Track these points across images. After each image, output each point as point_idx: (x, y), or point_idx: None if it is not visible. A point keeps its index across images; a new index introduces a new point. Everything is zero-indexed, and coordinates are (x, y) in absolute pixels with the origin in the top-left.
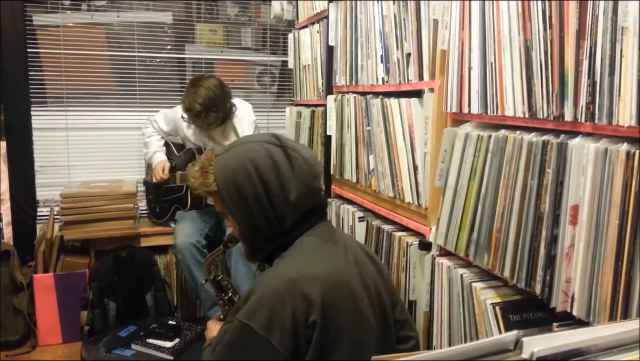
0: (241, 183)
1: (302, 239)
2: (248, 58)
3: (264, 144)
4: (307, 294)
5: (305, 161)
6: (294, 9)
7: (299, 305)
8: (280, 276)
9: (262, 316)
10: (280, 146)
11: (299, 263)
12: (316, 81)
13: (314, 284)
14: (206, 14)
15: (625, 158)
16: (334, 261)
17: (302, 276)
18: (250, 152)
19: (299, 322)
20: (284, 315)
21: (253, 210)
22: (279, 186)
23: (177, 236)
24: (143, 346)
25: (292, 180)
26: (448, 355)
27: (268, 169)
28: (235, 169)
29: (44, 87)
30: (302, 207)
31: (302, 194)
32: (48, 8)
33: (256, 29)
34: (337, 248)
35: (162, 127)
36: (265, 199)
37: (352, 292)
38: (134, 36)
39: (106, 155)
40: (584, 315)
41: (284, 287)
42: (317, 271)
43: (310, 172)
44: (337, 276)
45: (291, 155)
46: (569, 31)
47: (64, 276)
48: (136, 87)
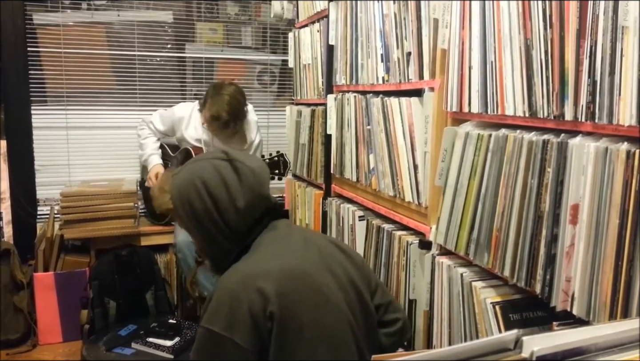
0: (192, 200)
1: (257, 240)
2: (248, 57)
3: (212, 161)
4: (261, 288)
5: (251, 171)
6: (294, 8)
7: (255, 300)
8: (233, 276)
9: (221, 317)
10: (227, 160)
11: (252, 261)
12: (316, 80)
13: (267, 278)
14: (206, 13)
15: (626, 157)
16: (289, 253)
17: (254, 272)
18: (199, 170)
19: (257, 316)
20: (242, 311)
21: (206, 224)
22: (228, 198)
23: (177, 235)
24: (143, 345)
25: (240, 190)
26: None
27: (216, 184)
28: (186, 187)
29: (44, 86)
30: (253, 213)
31: (250, 201)
32: (48, 7)
33: (256, 28)
34: (294, 240)
35: (158, 127)
36: (215, 213)
37: (311, 280)
38: (134, 35)
39: (106, 154)
40: (584, 314)
41: (238, 284)
42: (270, 265)
43: (256, 180)
44: (293, 267)
45: (238, 167)
46: (569, 30)
47: (64, 275)
48: (136, 86)
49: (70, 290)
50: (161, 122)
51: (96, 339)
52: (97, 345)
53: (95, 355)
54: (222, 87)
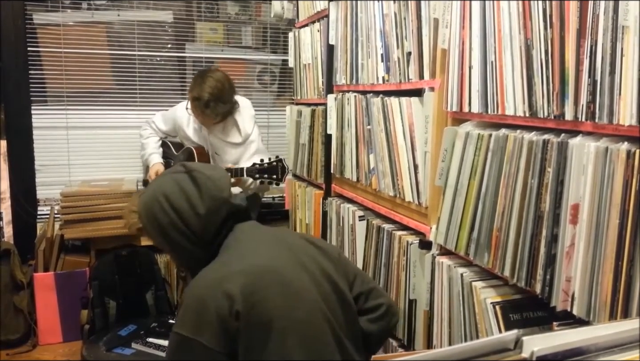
0: (157, 215)
1: (224, 244)
2: (248, 57)
3: (172, 175)
4: (226, 291)
5: (208, 178)
6: (295, 8)
7: (221, 302)
8: (200, 281)
9: (188, 321)
10: (186, 172)
11: (219, 264)
12: (316, 79)
13: (232, 279)
14: (206, 12)
15: (626, 157)
16: (255, 252)
17: (220, 275)
18: (160, 186)
19: (224, 317)
20: (209, 313)
21: (174, 236)
22: (190, 208)
23: None
24: (143, 345)
25: (199, 198)
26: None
27: (177, 197)
28: (151, 204)
29: (44, 86)
30: (215, 218)
31: (210, 207)
32: (48, 7)
33: (256, 28)
34: (261, 239)
35: (160, 127)
36: (180, 223)
37: (279, 275)
38: (134, 35)
39: (106, 154)
40: (584, 314)
41: (204, 289)
42: (234, 266)
43: (214, 186)
44: (259, 264)
45: (196, 177)
46: (569, 30)
47: (64, 275)
48: (136, 86)
49: (71, 290)
50: (163, 122)
51: (96, 339)
52: (97, 345)
53: (96, 355)
54: (208, 71)
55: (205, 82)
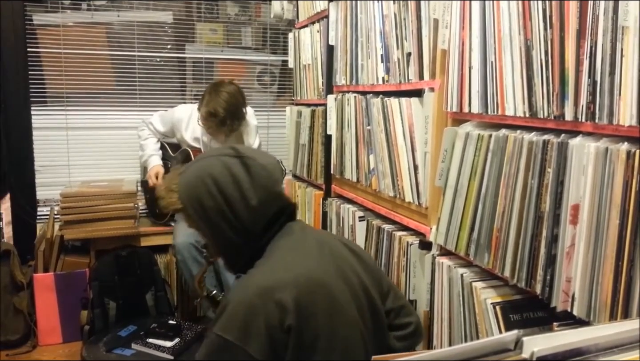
0: (202, 198)
1: (272, 244)
2: (248, 57)
3: (221, 158)
4: (279, 301)
5: (262, 168)
6: (294, 9)
7: (272, 313)
8: (250, 286)
9: (236, 327)
10: (237, 157)
11: (269, 269)
12: (316, 80)
13: (286, 289)
14: (206, 13)
15: (626, 158)
16: (306, 260)
17: (272, 283)
18: (208, 167)
19: (273, 329)
20: (258, 323)
21: (218, 222)
22: (239, 196)
23: (176, 236)
24: (143, 346)
25: (251, 188)
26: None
27: (226, 181)
28: (195, 185)
29: (44, 87)
30: (266, 212)
31: (263, 199)
32: (48, 7)
33: (256, 29)
34: (309, 246)
35: (158, 128)
36: (227, 210)
37: (327, 290)
38: (134, 36)
39: (106, 154)
40: (584, 314)
41: (255, 296)
42: (287, 275)
43: (268, 177)
44: (310, 276)
45: (248, 164)
46: (569, 31)
47: (64, 276)
48: (136, 87)
49: (70, 291)
50: (161, 123)
51: (96, 340)
52: (97, 346)
53: (95, 356)
54: (221, 85)
55: (219, 96)
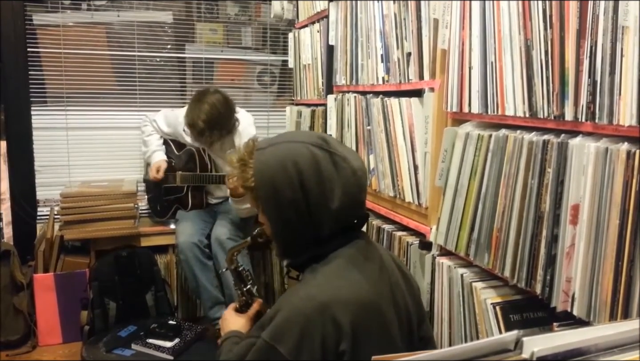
0: (280, 186)
1: (337, 253)
2: (248, 57)
3: (310, 147)
4: (337, 321)
5: (353, 172)
6: (294, 9)
7: (329, 332)
8: (312, 299)
9: (290, 340)
10: (328, 152)
11: (331, 284)
12: (316, 80)
13: (345, 310)
14: (206, 13)
15: (626, 158)
16: (367, 282)
17: (334, 301)
18: (294, 153)
19: (328, 350)
20: (314, 341)
21: (289, 215)
22: (321, 194)
23: (178, 236)
24: (143, 346)
25: (336, 190)
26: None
27: (311, 175)
28: (276, 169)
29: (44, 87)
30: (343, 219)
31: (344, 205)
32: (48, 7)
33: (256, 29)
34: (373, 267)
35: (162, 128)
36: (304, 206)
37: (383, 318)
38: (134, 35)
39: (106, 154)
40: (585, 314)
41: (315, 312)
42: (349, 295)
43: (356, 184)
44: (369, 301)
45: (338, 163)
46: (569, 31)
47: (64, 276)
48: (136, 87)
49: (70, 291)
50: (165, 123)
51: (96, 340)
52: (97, 346)
53: (95, 356)
54: (204, 95)
55: (200, 108)
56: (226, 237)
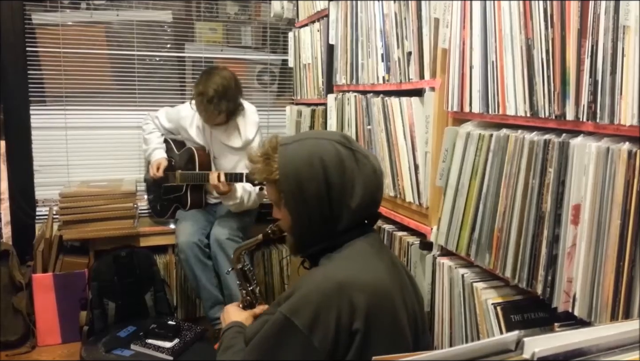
0: (306, 180)
1: (352, 243)
2: (248, 57)
3: (335, 144)
4: (354, 301)
5: (373, 171)
6: (294, 8)
7: (345, 310)
8: (329, 278)
9: (306, 314)
10: (351, 150)
11: (349, 267)
12: (316, 79)
13: (362, 290)
14: (206, 12)
15: (627, 157)
16: (381, 272)
17: (352, 282)
18: (320, 149)
19: (342, 327)
20: (329, 317)
21: (311, 209)
22: (342, 190)
23: (178, 235)
24: (142, 347)
25: (357, 187)
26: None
27: (335, 171)
28: (302, 163)
29: (43, 86)
30: (360, 215)
31: (363, 202)
32: (47, 7)
33: (256, 28)
34: (385, 260)
35: (163, 124)
36: (326, 200)
37: (394, 307)
38: (133, 35)
39: (105, 154)
40: (586, 315)
41: (333, 290)
42: (366, 278)
43: (376, 183)
44: (384, 287)
45: (360, 161)
46: (570, 30)
47: (63, 276)
48: (135, 86)
49: (69, 291)
50: (167, 119)
51: (95, 340)
52: (96, 347)
53: (94, 357)
54: (214, 69)
55: (211, 78)
56: (225, 237)
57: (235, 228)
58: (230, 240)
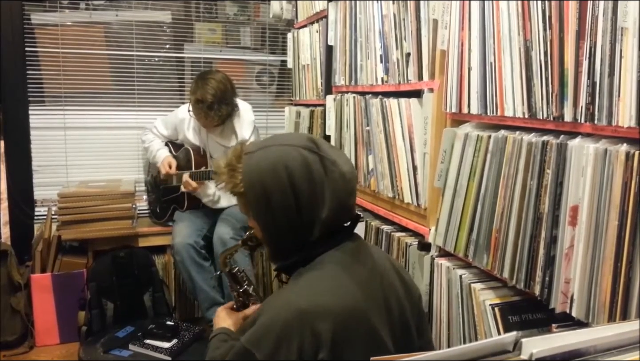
0: (271, 190)
1: (324, 258)
2: (247, 57)
3: (300, 150)
4: (316, 330)
5: (341, 176)
6: (293, 9)
7: (307, 340)
8: (290, 305)
9: (266, 345)
10: (318, 155)
11: (312, 290)
12: (315, 80)
13: (325, 318)
14: (205, 13)
15: (625, 159)
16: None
17: (313, 308)
18: (285, 157)
19: (305, 358)
20: (290, 348)
21: (279, 219)
22: (312, 198)
23: (174, 236)
24: (141, 347)
25: (326, 195)
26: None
27: (302, 179)
28: (266, 174)
29: (42, 86)
30: (332, 224)
31: (334, 211)
32: (46, 7)
33: (255, 29)
34: (362, 270)
35: (162, 132)
36: (294, 210)
37: (368, 324)
38: (132, 35)
39: (104, 154)
40: (583, 315)
41: (295, 319)
42: (330, 301)
43: (345, 189)
44: (353, 307)
45: (328, 167)
46: (568, 31)
47: (61, 276)
48: (135, 87)
49: (68, 292)
50: (164, 126)
51: (94, 341)
52: (94, 347)
53: (93, 357)
54: (208, 73)
55: (207, 83)
56: (229, 236)
57: (238, 228)
58: (234, 239)
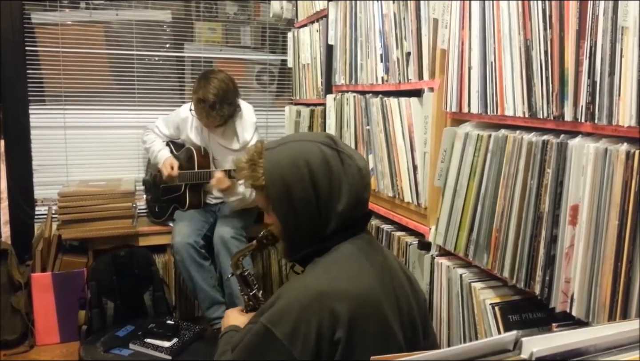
0: (292, 183)
1: (339, 247)
2: (247, 57)
3: (320, 145)
4: (334, 310)
5: (358, 171)
6: (294, 8)
7: (325, 320)
8: (309, 288)
9: (286, 324)
10: (336, 150)
11: (331, 274)
12: (315, 80)
13: (344, 299)
14: (205, 12)
15: (625, 158)
16: (368, 277)
17: (332, 290)
18: (305, 152)
19: (323, 337)
20: (309, 327)
21: (299, 212)
22: (329, 192)
23: (174, 236)
24: (141, 346)
25: (343, 188)
26: (447, 355)
27: (322, 173)
28: (287, 167)
29: (42, 86)
30: (348, 217)
31: (350, 204)
32: (47, 6)
33: (255, 28)
34: (374, 263)
35: (163, 131)
36: (314, 203)
37: (382, 313)
38: (132, 34)
39: (104, 154)
40: (583, 315)
41: (312, 300)
42: (348, 286)
43: (361, 183)
44: (368, 294)
45: (345, 162)
46: (569, 31)
47: (61, 276)
48: (135, 86)
49: (68, 291)
50: (166, 126)
51: (94, 340)
52: (94, 346)
53: (93, 356)
54: (211, 72)
55: (209, 83)
56: (230, 236)
57: (239, 227)
58: (235, 239)
